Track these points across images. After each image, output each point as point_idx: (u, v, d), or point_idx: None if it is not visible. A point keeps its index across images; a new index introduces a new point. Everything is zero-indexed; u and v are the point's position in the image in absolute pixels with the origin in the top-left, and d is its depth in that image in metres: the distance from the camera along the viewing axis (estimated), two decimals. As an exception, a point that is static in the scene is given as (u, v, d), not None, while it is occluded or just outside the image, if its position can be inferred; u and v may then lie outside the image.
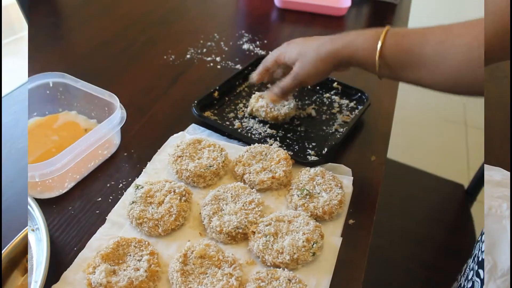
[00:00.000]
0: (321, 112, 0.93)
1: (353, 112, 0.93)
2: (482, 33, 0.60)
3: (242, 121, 0.89)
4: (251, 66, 1.01)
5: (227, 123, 0.88)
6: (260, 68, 0.88)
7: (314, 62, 0.77)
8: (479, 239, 0.77)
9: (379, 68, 0.71)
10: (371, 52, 0.70)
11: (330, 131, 0.88)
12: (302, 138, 0.86)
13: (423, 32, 0.68)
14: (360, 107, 0.93)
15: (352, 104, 0.95)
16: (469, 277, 0.75)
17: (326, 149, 0.82)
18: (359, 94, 0.95)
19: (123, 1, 1.38)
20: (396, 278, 1.18)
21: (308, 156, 0.81)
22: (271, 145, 0.81)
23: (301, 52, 0.79)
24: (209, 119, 0.87)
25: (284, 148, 0.82)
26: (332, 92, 0.98)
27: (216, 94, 0.92)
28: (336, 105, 0.95)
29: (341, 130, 0.87)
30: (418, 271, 1.20)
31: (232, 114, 0.91)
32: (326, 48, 0.75)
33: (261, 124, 0.89)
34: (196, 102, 0.88)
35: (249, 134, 0.86)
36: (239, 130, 0.86)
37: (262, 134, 0.86)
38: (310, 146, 0.84)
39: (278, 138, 0.85)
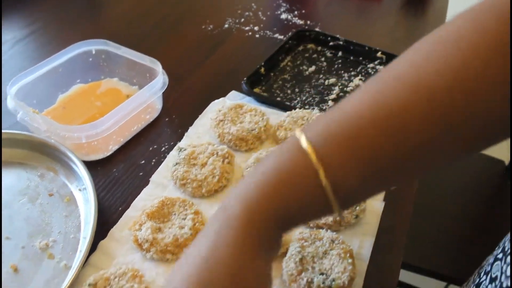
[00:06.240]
0: None
1: None
2: None
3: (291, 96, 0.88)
4: (291, 39, 0.99)
5: (278, 99, 0.87)
6: None
7: None
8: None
9: (337, 202, 0.38)
10: (313, 192, 0.38)
11: None
12: None
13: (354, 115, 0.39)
14: None
15: None
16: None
17: None
18: None
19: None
20: (433, 252, 1.17)
21: None
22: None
23: None
24: (262, 95, 0.86)
25: None
26: (376, 62, 0.96)
27: (262, 70, 0.91)
28: None
29: None
30: (456, 247, 1.18)
31: (279, 91, 0.89)
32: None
33: (312, 98, 0.87)
34: (245, 79, 0.86)
35: (307, 107, 0.84)
36: (298, 106, 0.84)
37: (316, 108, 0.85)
38: None
39: None
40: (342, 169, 0.37)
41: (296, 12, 1.16)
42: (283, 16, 1.14)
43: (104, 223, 0.65)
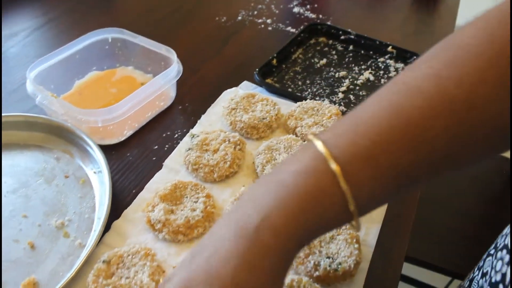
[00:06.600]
0: (378, 77, 0.93)
1: None
2: None
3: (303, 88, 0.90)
4: (303, 32, 1.01)
5: (289, 90, 0.89)
6: None
7: None
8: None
9: (358, 217, 0.39)
10: (339, 211, 0.38)
11: None
12: None
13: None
14: None
15: None
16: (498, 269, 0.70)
17: None
18: (414, 57, 0.94)
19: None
20: (438, 248, 1.18)
21: None
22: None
23: None
24: (274, 86, 0.88)
25: None
26: (386, 56, 0.98)
27: (274, 61, 0.93)
28: (392, 69, 0.94)
29: None
30: (461, 242, 1.19)
31: (290, 82, 0.91)
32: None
33: (322, 90, 0.89)
34: (257, 69, 0.88)
35: (318, 98, 0.85)
36: (309, 97, 0.86)
37: (326, 100, 0.86)
38: None
39: (342, 103, 0.86)
40: (366, 189, 0.38)
41: (308, 6, 1.17)
42: (296, 9, 1.16)
43: (118, 205, 0.67)
